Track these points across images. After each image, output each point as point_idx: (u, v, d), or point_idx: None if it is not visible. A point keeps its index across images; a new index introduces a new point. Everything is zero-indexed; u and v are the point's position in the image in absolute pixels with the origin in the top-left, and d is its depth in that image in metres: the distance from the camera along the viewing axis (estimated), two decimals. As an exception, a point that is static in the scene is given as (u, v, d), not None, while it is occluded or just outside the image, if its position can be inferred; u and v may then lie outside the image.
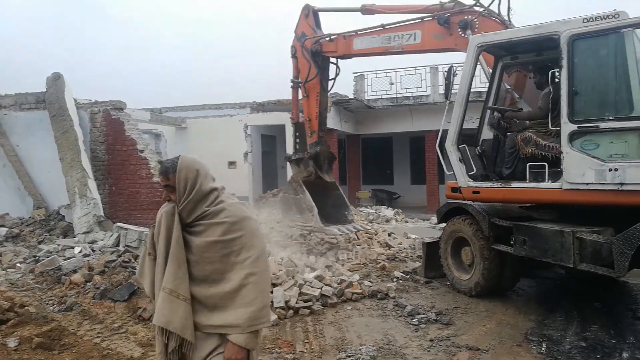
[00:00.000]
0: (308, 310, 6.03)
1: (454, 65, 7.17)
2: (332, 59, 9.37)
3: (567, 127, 5.30)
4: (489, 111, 6.81)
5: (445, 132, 6.83)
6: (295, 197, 9.47)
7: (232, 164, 17.55)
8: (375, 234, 11.30)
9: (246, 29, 78.66)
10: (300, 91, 9.66)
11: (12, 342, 4.89)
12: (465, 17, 6.98)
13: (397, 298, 6.57)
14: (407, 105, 18.73)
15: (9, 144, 11.69)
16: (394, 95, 18.98)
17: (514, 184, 6.00)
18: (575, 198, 5.35)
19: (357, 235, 10.81)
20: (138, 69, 65.38)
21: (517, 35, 6.05)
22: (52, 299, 6.35)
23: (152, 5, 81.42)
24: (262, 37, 75.70)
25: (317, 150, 9.51)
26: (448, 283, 7.14)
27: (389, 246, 10.32)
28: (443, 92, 7.11)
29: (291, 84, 9.87)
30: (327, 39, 9.06)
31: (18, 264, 7.84)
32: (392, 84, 19.02)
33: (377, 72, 19.28)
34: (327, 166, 9.79)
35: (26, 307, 5.77)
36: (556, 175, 5.52)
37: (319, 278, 6.84)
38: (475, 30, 6.86)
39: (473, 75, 6.51)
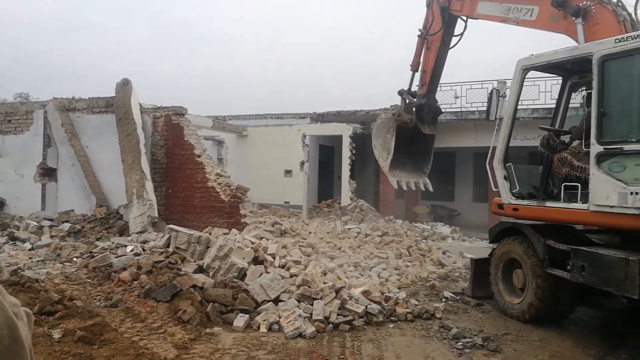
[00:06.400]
0: (348, 326, 5.82)
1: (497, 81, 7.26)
2: (463, 17, 9.79)
3: (594, 149, 5.26)
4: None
5: (495, 149, 6.91)
6: (385, 134, 10.93)
7: (288, 172, 17.65)
8: (429, 252, 10.90)
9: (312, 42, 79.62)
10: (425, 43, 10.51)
11: (56, 334, 5.04)
12: (580, 4, 6.65)
13: (443, 319, 6.23)
14: (472, 119, 18.10)
15: (80, 145, 12.35)
16: (459, 109, 18.42)
17: (548, 203, 6.03)
18: (601, 221, 5.32)
19: (408, 251, 10.47)
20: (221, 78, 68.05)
21: (555, 58, 6.08)
22: (100, 294, 6.54)
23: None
24: (326, 49, 76.41)
25: (422, 103, 10.53)
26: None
27: (442, 265, 9.91)
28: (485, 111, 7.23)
29: (418, 33, 10.69)
30: None
31: (75, 259, 8.19)
32: (457, 97, 18.49)
33: (442, 85, 18.79)
34: (430, 118, 10.74)
35: (74, 301, 5.97)
36: (586, 196, 5.40)
37: (366, 294, 6.62)
38: (589, 20, 6.55)
39: (519, 96, 6.71)
